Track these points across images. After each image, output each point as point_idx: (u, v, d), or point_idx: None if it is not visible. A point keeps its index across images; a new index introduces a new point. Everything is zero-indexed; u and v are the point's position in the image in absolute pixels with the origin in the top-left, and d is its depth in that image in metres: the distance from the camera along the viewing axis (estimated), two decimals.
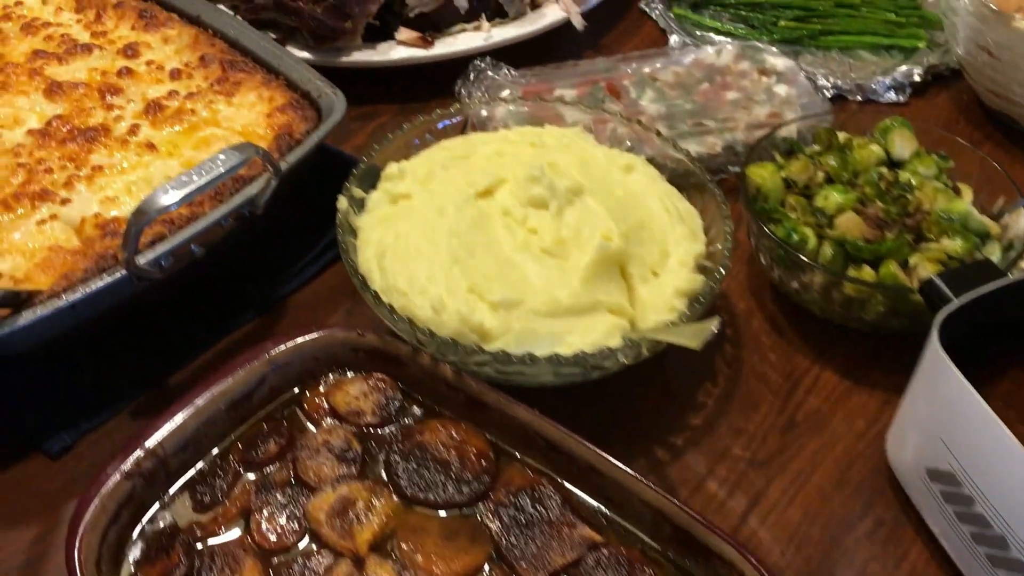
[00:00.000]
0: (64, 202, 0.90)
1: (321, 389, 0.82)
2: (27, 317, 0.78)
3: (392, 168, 0.94)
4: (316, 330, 0.82)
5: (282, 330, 0.96)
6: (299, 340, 0.81)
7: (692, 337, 0.73)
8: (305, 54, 1.17)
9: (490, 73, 1.17)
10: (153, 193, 0.78)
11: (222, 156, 0.82)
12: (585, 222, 0.88)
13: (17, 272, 0.83)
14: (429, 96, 1.22)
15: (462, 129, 1.02)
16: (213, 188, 0.85)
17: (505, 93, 1.15)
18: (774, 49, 1.22)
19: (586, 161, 0.96)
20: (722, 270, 0.85)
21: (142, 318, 0.91)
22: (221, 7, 1.16)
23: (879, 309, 0.87)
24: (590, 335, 0.81)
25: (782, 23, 1.33)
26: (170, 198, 0.78)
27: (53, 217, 0.88)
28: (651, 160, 0.98)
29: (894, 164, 0.97)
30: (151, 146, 0.96)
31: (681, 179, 0.97)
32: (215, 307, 0.95)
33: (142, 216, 0.78)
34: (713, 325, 0.74)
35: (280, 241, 1.00)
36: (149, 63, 1.06)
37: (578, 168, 0.94)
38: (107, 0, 1.13)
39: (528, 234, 0.88)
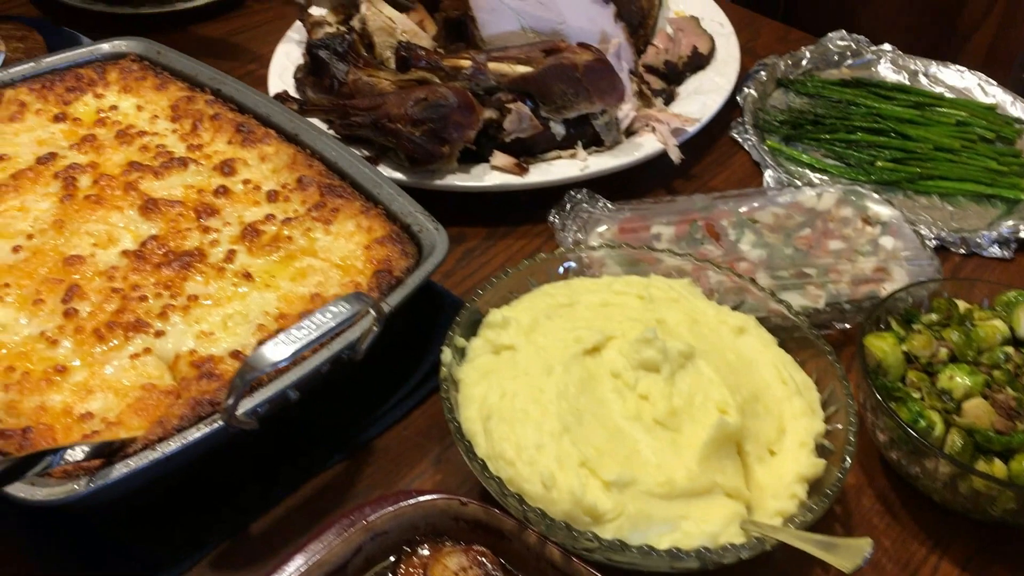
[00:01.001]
0: (158, 334, 0.86)
1: (418, 560, 0.77)
2: (120, 470, 0.74)
3: (495, 316, 0.91)
4: (416, 494, 0.77)
5: (368, 476, 0.91)
6: (399, 506, 0.76)
7: (844, 559, 0.68)
8: (398, 175, 1.15)
9: (586, 205, 1.14)
10: (263, 348, 0.75)
11: (333, 309, 0.78)
12: (698, 390, 0.84)
13: (109, 413, 0.80)
14: (519, 221, 1.19)
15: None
16: None
17: (602, 228, 1.12)
18: (876, 196, 1.18)
19: (696, 319, 0.92)
20: (848, 459, 0.80)
21: (222, 459, 0.87)
22: (315, 121, 1.14)
23: (1010, 506, 0.82)
24: (707, 522, 0.76)
25: (879, 164, 1.30)
26: (280, 354, 0.75)
27: (147, 351, 0.85)
28: (742, 307, 0.95)
29: (1019, 343, 0.93)
30: (248, 276, 0.93)
31: (784, 333, 0.94)
32: (299, 448, 0.91)
33: (251, 372, 0.74)
34: (867, 550, 0.69)
35: (366, 379, 0.97)
36: (246, 182, 1.04)
37: (688, 326, 0.91)
38: (203, 111, 1.11)
39: (639, 401, 0.84)
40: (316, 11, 1.35)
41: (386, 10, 1.27)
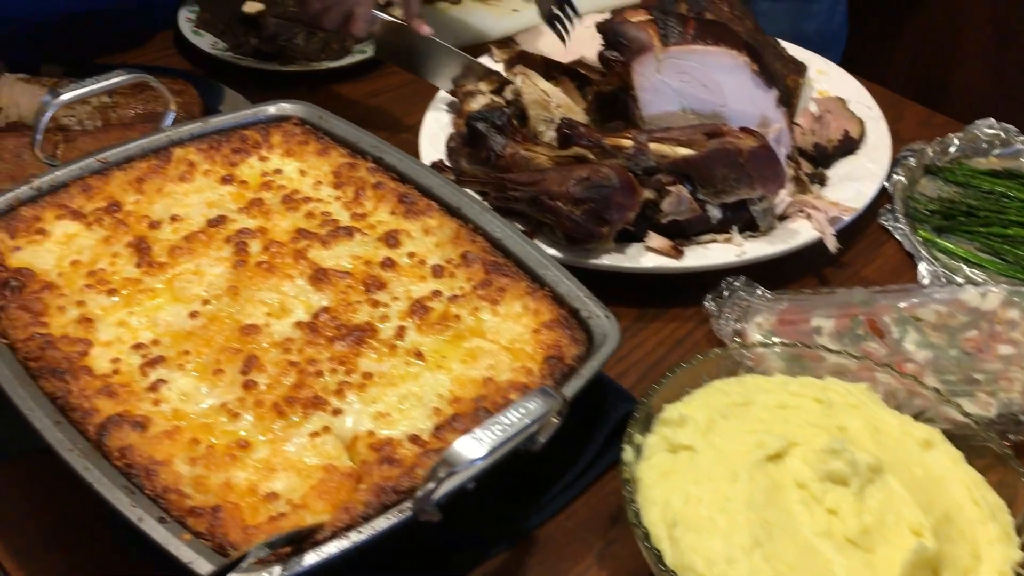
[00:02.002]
0: (336, 412, 0.86)
1: None
2: (313, 559, 0.73)
3: (672, 413, 0.88)
4: None
5: (533, 568, 0.89)
6: None
7: None
8: (553, 251, 1.14)
9: (743, 293, 1.12)
10: (459, 445, 0.74)
11: (527, 406, 0.77)
12: (889, 508, 0.81)
13: (293, 495, 0.79)
14: (669, 303, 1.18)
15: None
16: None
17: (760, 318, 1.10)
18: None
19: (878, 428, 0.89)
20: None
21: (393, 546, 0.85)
22: (470, 192, 1.14)
23: None
24: None
25: None
26: (477, 452, 0.73)
27: (325, 430, 0.85)
28: (920, 416, 0.92)
29: None
30: (419, 355, 0.92)
31: (959, 442, 0.90)
32: (464, 536, 0.90)
33: (447, 468, 0.73)
34: None
35: (529, 466, 0.95)
36: (411, 255, 1.04)
37: (870, 436, 0.88)
38: (366, 179, 1.12)
39: (828, 515, 0.80)
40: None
41: (540, 83, 1.27)
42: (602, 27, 1.19)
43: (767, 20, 1.86)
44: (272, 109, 1.20)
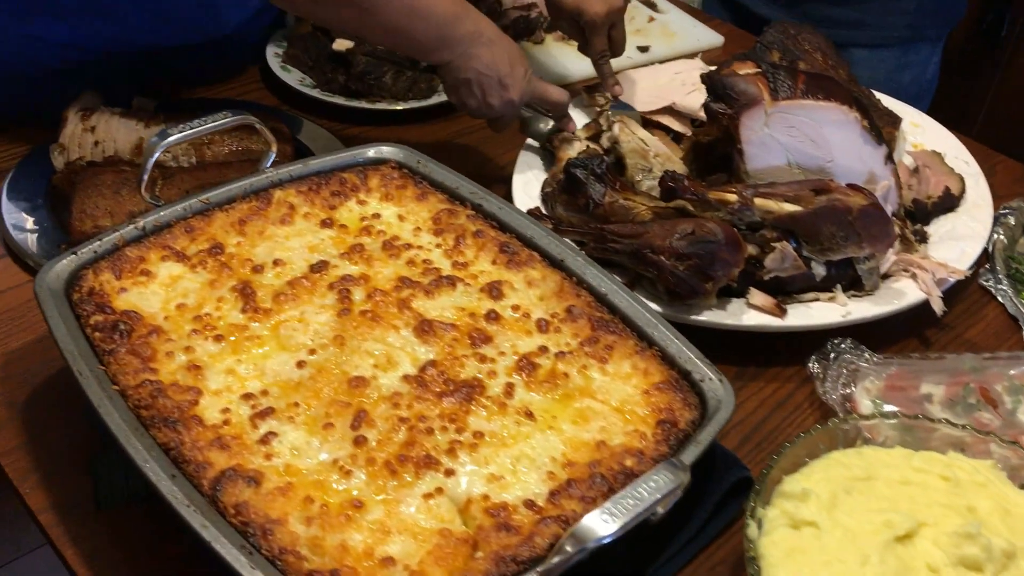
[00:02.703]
0: (448, 473, 0.84)
1: None
2: None
3: (793, 486, 0.86)
4: None
5: None
6: None
7: None
8: (652, 306, 1.11)
9: (849, 356, 1.09)
10: (589, 521, 0.72)
11: (656, 480, 0.75)
12: None
13: (410, 560, 0.77)
14: (769, 362, 1.15)
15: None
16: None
17: (868, 383, 1.07)
18: None
19: (1008, 510, 0.85)
20: None
21: None
22: (570, 242, 1.12)
23: None
24: None
25: None
26: (607, 529, 0.71)
27: (439, 491, 0.83)
28: None
29: None
30: (529, 414, 0.90)
31: None
32: None
33: (578, 545, 0.71)
34: None
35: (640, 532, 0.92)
36: (515, 308, 1.02)
37: (1001, 518, 0.84)
38: (466, 226, 1.10)
39: None
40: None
41: (638, 131, 1.26)
42: (709, 79, 1.17)
43: (863, 68, 1.84)
44: (371, 152, 1.19)
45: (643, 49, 1.74)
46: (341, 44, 1.48)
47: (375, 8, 1.16)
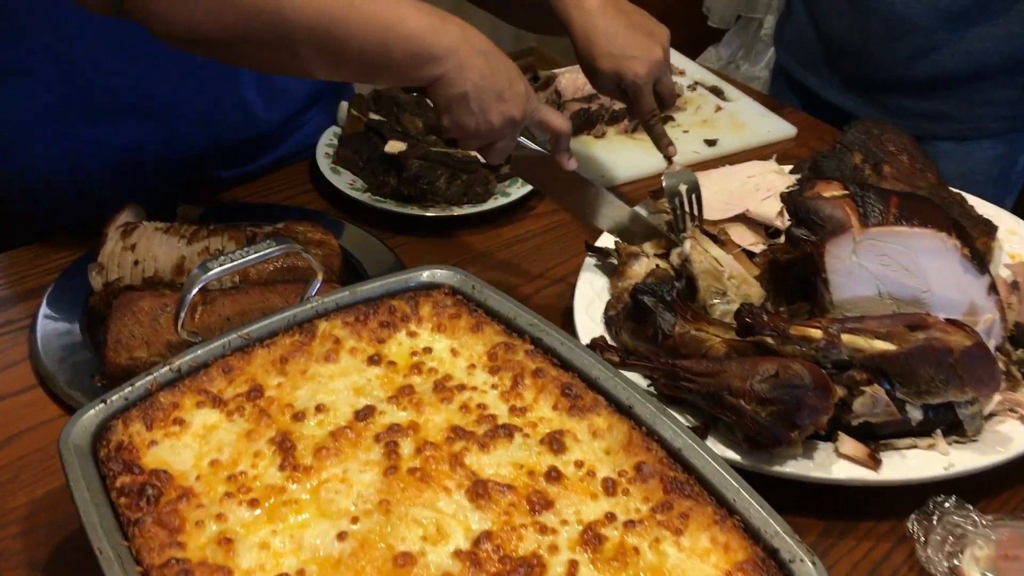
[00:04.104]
0: None
1: None
2: None
3: None
4: None
5: None
6: None
7: None
8: (730, 453, 1.01)
9: (955, 517, 0.97)
10: None
11: None
12: None
13: None
14: (860, 515, 1.03)
15: None
16: None
17: (977, 549, 0.95)
18: None
19: None
20: None
21: None
22: (640, 384, 1.02)
23: None
24: None
25: None
26: None
27: None
28: None
29: None
30: None
31: None
32: None
33: None
34: None
35: None
36: (578, 464, 0.92)
37: None
38: (524, 364, 1.01)
39: None
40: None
41: (712, 250, 1.16)
42: (791, 202, 1.08)
43: (948, 162, 1.72)
44: (423, 276, 1.11)
45: (711, 143, 1.65)
46: (393, 147, 1.41)
47: (345, 44, 1.06)
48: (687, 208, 1.28)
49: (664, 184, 1.29)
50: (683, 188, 1.28)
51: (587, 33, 1.27)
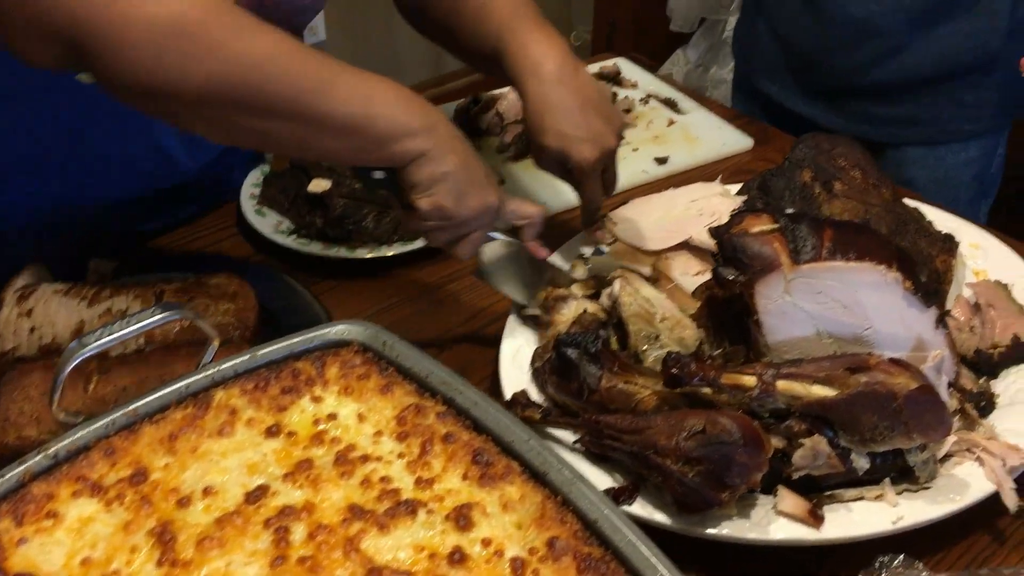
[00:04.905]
0: None
1: None
2: None
3: None
4: None
5: None
6: None
7: None
8: (660, 516, 0.94)
9: None
10: None
11: None
12: None
13: None
14: (807, 574, 0.96)
15: None
16: None
17: None
18: None
19: None
20: None
21: None
22: (558, 445, 0.95)
23: None
24: None
25: None
26: None
27: None
28: None
29: None
30: None
31: None
32: None
33: None
34: None
35: None
36: (485, 543, 0.84)
37: None
38: (434, 428, 0.94)
39: None
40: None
41: (644, 290, 1.08)
42: (718, 237, 1.00)
43: (918, 168, 1.65)
44: (330, 333, 1.03)
45: (661, 161, 1.57)
46: (317, 185, 1.34)
47: (326, 111, 0.98)
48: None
49: (587, 268, 1.20)
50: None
51: (540, 106, 1.18)
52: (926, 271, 1.18)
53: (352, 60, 1.08)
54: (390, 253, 1.33)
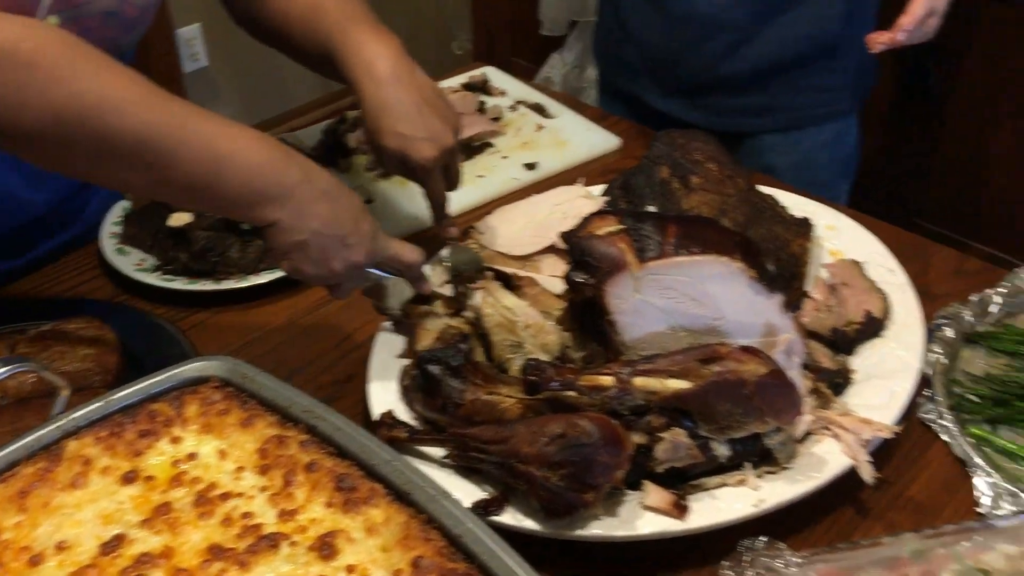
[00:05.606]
0: None
1: None
2: None
3: None
4: None
5: None
6: None
7: None
8: (530, 523, 0.94)
9: (766, 559, 0.91)
10: None
11: None
12: None
13: None
14: (678, 566, 0.97)
15: None
16: None
17: None
18: None
19: None
20: None
21: None
22: (415, 468, 0.94)
23: None
24: None
25: None
26: None
27: None
28: None
29: None
30: None
31: None
32: None
33: None
34: None
35: None
36: (350, 569, 0.84)
37: None
38: (297, 458, 0.93)
39: None
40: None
41: (505, 299, 1.09)
42: (567, 241, 1.01)
43: (778, 155, 1.69)
44: (187, 371, 1.01)
45: (530, 166, 1.58)
46: (178, 219, 1.31)
47: (170, 163, 0.94)
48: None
49: (446, 264, 1.20)
50: (465, 269, 1.19)
51: (376, 107, 1.17)
52: (776, 257, 1.21)
53: (236, 83, 1.05)
54: (257, 282, 1.31)
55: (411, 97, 1.17)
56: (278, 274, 1.32)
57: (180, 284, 1.30)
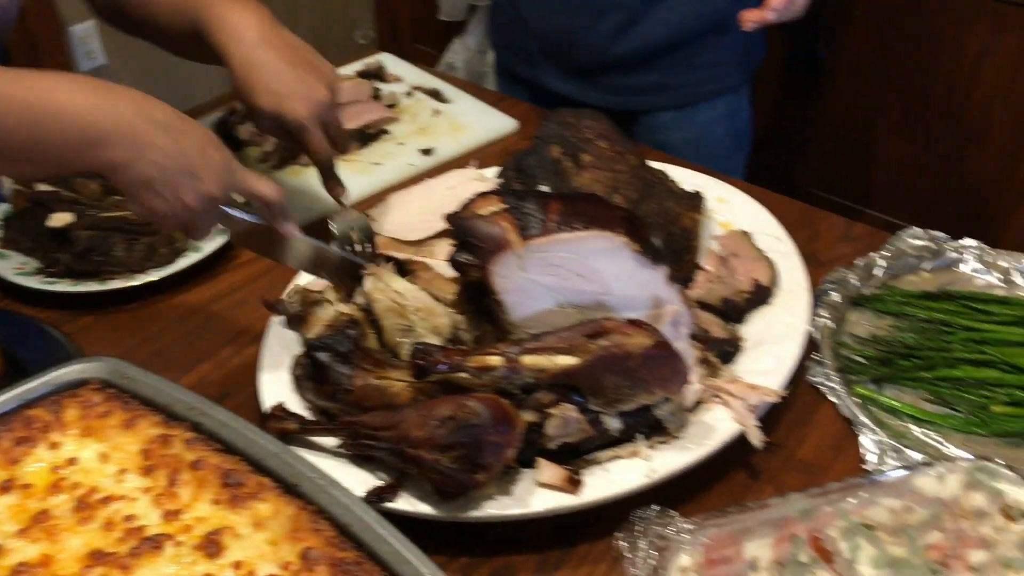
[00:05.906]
0: None
1: None
2: None
3: None
4: None
5: None
6: None
7: None
8: (425, 507, 0.94)
9: (658, 528, 0.93)
10: None
11: None
12: None
13: None
14: (575, 540, 0.98)
15: None
16: None
17: (683, 558, 0.90)
18: (1011, 474, 0.96)
19: None
20: None
21: None
22: (302, 459, 0.93)
23: None
24: None
25: (995, 409, 1.08)
26: None
27: None
28: None
29: None
30: None
31: None
32: None
33: None
34: None
35: None
36: (236, 566, 0.82)
37: None
38: (181, 457, 0.91)
39: None
40: (307, 282, 1.16)
41: (395, 283, 1.08)
42: (450, 223, 1.00)
43: (673, 132, 1.71)
44: (66, 374, 0.98)
45: (426, 152, 1.57)
46: (57, 220, 1.27)
47: None
48: (360, 252, 1.19)
49: (334, 229, 1.19)
50: (354, 234, 1.19)
51: (246, 69, 1.15)
52: (667, 232, 1.22)
53: (135, 81, 1.01)
54: (144, 281, 1.28)
55: (280, 56, 1.15)
56: (166, 272, 1.29)
57: (64, 286, 1.26)
